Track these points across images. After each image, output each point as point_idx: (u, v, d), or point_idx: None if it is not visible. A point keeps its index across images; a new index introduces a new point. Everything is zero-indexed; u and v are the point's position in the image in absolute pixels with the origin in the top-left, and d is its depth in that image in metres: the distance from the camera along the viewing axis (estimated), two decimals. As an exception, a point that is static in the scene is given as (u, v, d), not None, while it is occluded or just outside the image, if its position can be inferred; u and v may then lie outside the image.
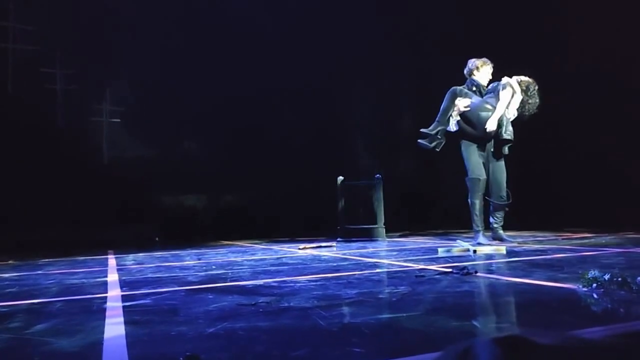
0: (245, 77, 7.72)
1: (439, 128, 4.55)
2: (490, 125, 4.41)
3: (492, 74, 4.75)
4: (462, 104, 4.54)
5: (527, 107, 4.54)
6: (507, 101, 4.47)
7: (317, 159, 7.89)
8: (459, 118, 4.57)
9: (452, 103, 4.56)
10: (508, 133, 4.46)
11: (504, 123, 4.46)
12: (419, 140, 4.59)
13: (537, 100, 4.54)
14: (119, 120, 7.98)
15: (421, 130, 4.59)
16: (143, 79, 7.76)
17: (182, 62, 7.76)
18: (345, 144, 8.75)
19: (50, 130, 7.45)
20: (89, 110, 7.88)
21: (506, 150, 4.58)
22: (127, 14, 7.45)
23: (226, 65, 7.93)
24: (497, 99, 4.50)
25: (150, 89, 7.81)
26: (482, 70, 4.70)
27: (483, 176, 4.51)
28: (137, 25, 7.46)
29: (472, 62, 4.73)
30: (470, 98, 4.56)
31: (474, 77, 4.71)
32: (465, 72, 4.79)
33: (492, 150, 4.59)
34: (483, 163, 4.57)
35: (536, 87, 4.54)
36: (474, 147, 4.57)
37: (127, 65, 7.71)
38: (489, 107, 4.49)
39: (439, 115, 4.59)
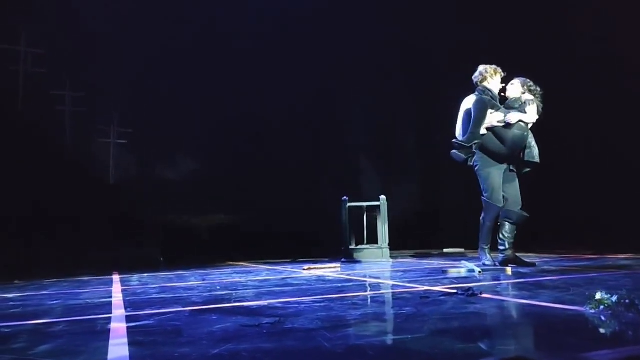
0: (246, 86, 7.82)
1: (476, 141, 4.16)
2: (513, 118, 4.14)
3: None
4: (495, 117, 4.19)
5: (539, 108, 4.36)
6: (535, 115, 4.27)
7: (321, 179, 7.91)
8: (485, 132, 4.21)
9: (486, 114, 4.20)
10: (537, 156, 4.21)
11: (532, 144, 4.22)
12: (452, 151, 4.26)
13: (540, 91, 4.37)
14: (126, 141, 8.07)
15: (454, 141, 4.23)
16: (150, 100, 7.86)
17: (187, 77, 7.85)
18: (350, 164, 8.76)
19: (58, 150, 7.53)
20: (96, 132, 7.98)
21: (525, 171, 4.34)
22: (137, 40, 7.59)
23: (227, 74, 8.00)
24: (525, 113, 4.27)
25: (157, 110, 7.90)
26: (495, 79, 4.40)
27: (502, 203, 4.22)
28: (145, 49, 7.59)
29: (485, 69, 4.39)
30: (504, 113, 4.23)
31: (487, 85, 4.35)
32: (475, 78, 4.42)
33: (510, 168, 4.31)
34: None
35: (531, 82, 4.39)
36: (498, 169, 4.23)
37: (134, 87, 7.82)
38: (522, 124, 4.21)
39: (472, 126, 4.16)
